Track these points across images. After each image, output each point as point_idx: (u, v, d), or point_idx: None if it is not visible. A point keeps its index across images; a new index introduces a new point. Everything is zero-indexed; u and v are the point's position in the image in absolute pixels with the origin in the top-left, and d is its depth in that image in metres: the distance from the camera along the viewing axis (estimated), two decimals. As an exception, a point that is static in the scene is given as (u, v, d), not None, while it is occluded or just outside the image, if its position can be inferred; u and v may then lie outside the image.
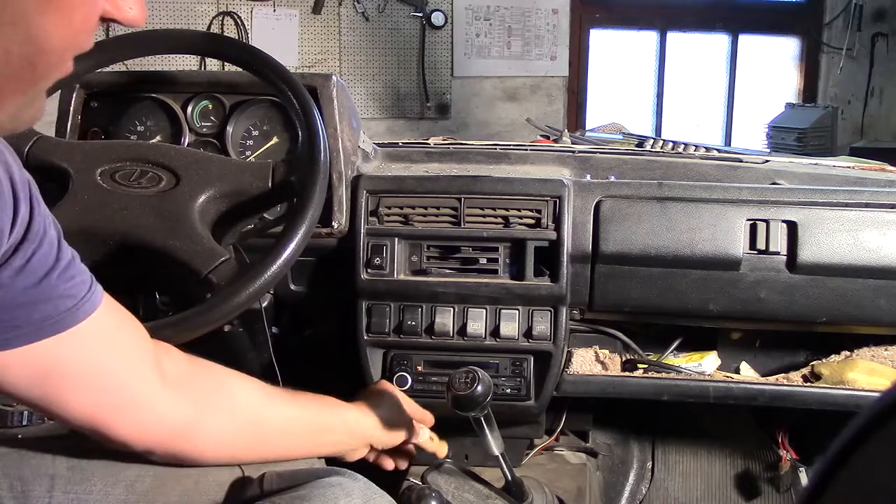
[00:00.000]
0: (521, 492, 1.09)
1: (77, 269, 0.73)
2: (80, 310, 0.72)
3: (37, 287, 0.69)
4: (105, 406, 0.77)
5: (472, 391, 0.94)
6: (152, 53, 1.19)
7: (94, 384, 0.76)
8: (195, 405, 0.84)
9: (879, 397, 0.32)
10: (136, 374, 0.79)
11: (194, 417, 0.83)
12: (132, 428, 0.79)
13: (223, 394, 0.87)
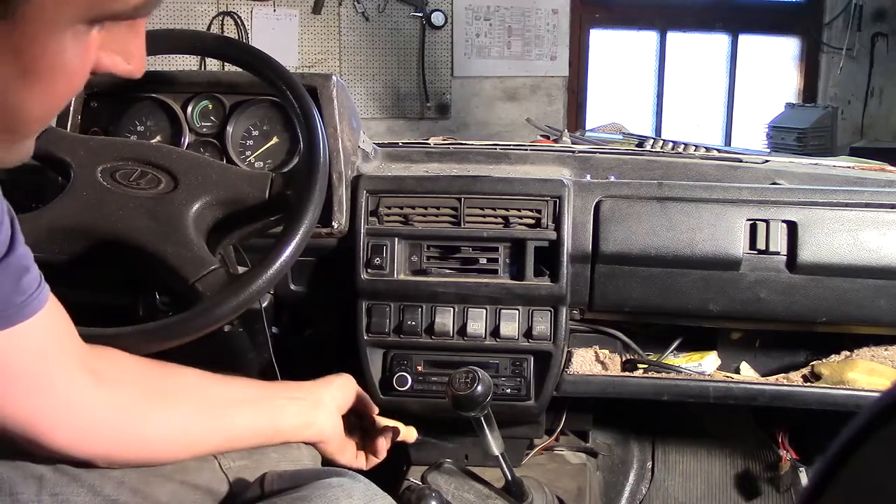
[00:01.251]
0: (521, 492, 1.08)
1: (27, 265, 0.71)
2: (27, 307, 0.70)
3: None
4: (42, 409, 0.74)
5: (472, 391, 0.94)
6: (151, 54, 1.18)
7: (31, 386, 0.73)
8: (133, 406, 0.81)
9: (879, 397, 0.32)
10: (71, 378, 0.76)
11: (135, 418, 0.81)
12: (70, 434, 0.77)
13: (163, 390, 0.85)
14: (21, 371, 0.72)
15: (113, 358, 0.83)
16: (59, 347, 0.76)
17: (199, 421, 0.86)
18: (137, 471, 0.85)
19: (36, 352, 0.73)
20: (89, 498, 0.81)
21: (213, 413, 0.88)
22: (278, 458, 0.97)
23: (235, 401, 0.90)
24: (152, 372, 0.86)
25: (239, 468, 0.92)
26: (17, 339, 0.70)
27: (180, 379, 0.88)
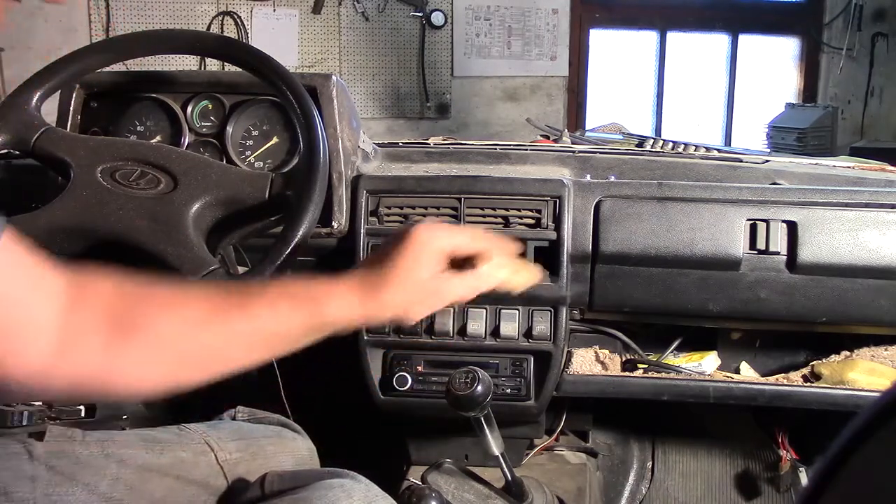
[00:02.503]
0: (521, 492, 1.09)
1: None
2: None
3: None
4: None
5: (472, 391, 0.95)
6: (151, 54, 1.19)
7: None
8: (111, 342, 0.69)
9: (879, 397, 0.32)
10: (35, 312, 0.66)
11: (112, 355, 0.69)
12: (34, 369, 0.66)
13: (149, 327, 0.71)
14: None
15: (94, 293, 0.70)
16: (21, 282, 0.66)
17: (197, 330, 0.75)
18: (133, 467, 0.85)
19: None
20: (84, 496, 0.81)
21: (208, 358, 0.77)
22: (275, 451, 0.97)
23: (236, 346, 0.78)
24: (134, 308, 0.72)
25: (235, 461, 0.92)
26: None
27: (165, 321, 0.73)
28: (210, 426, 0.97)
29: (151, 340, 0.71)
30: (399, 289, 0.82)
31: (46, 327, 0.66)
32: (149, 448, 0.88)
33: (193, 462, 0.89)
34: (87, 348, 0.68)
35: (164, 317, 0.73)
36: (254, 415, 1.05)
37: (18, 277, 0.66)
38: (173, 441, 0.90)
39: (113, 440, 0.87)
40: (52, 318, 0.67)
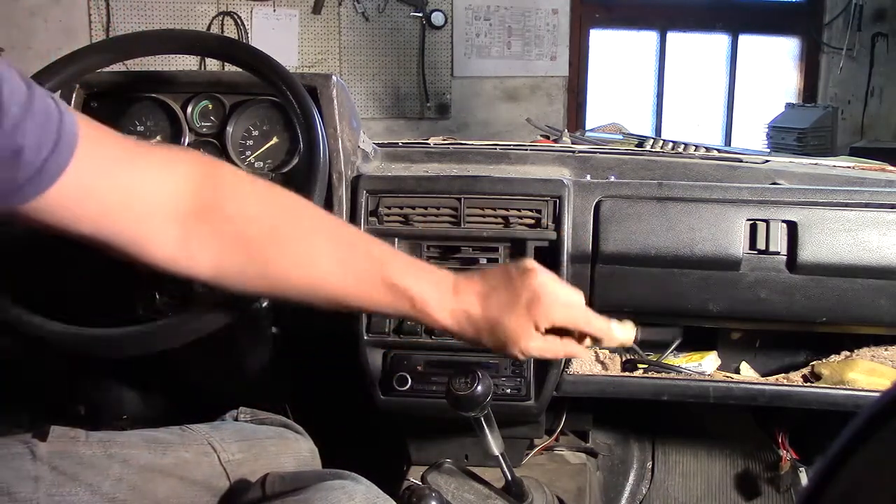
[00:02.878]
0: (521, 492, 1.09)
1: (35, 122, 0.64)
2: (44, 172, 0.65)
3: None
4: (123, 246, 0.73)
5: (472, 391, 0.94)
6: (152, 54, 1.19)
7: (91, 236, 0.71)
8: (231, 256, 0.77)
9: (879, 397, 0.32)
10: (141, 224, 0.73)
11: (232, 266, 0.78)
12: (165, 263, 0.76)
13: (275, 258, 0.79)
14: (84, 225, 0.71)
15: (227, 194, 0.78)
16: (120, 192, 0.72)
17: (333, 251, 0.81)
18: (136, 467, 0.85)
19: (85, 204, 0.69)
20: (87, 496, 0.81)
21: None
22: (277, 452, 0.97)
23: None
24: (265, 228, 0.79)
25: (238, 461, 0.92)
26: (50, 205, 0.67)
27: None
28: (213, 427, 0.97)
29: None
30: (494, 310, 0.83)
31: (174, 215, 0.74)
32: (152, 448, 0.88)
33: (196, 462, 0.89)
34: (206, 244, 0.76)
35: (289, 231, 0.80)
36: (256, 415, 1.05)
37: (139, 167, 0.72)
38: (176, 441, 0.90)
39: (116, 440, 0.87)
40: (177, 206, 0.74)
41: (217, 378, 1.39)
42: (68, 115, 0.68)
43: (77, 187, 0.68)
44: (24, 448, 0.81)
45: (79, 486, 0.81)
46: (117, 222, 0.72)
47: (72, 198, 0.68)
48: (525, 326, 0.83)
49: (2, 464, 0.79)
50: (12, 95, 0.63)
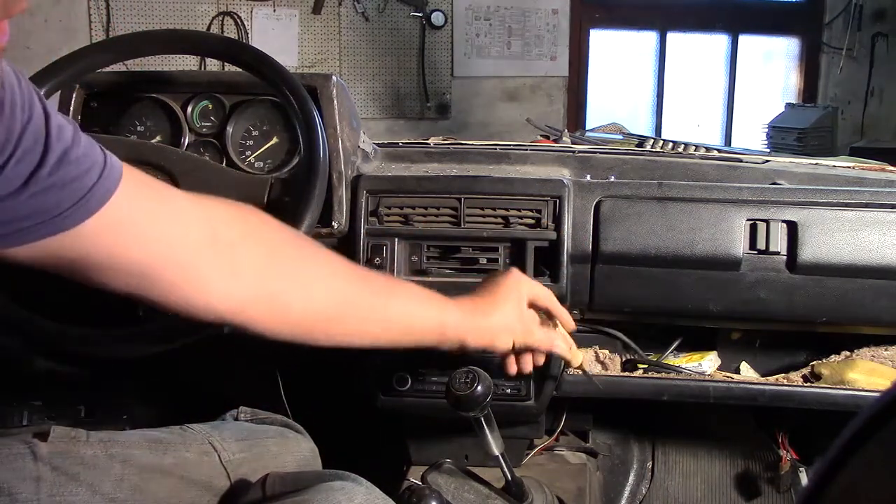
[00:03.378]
0: (521, 492, 1.08)
1: (77, 158, 0.67)
2: (85, 205, 0.67)
3: (20, 192, 0.64)
4: (153, 286, 0.74)
5: (472, 391, 0.94)
6: (152, 54, 1.19)
7: (128, 269, 0.72)
8: (259, 288, 0.79)
9: (879, 397, 0.32)
10: (180, 259, 0.74)
11: (262, 299, 0.80)
12: (190, 306, 0.76)
13: (298, 281, 0.83)
14: (114, 261, 0.72)
15: (243, 236, 0.80)
16: (157, 228, 0.73)
17: (327, 326, 0.86)
18: (137, 467, 0.85)
19: (120, 240, 0.71)
20: (88, 497, 0.81)
21: (342, 324, 0.87)
22: (278, 452, 0.97)
23: (370, 320, 0.89)
24: (285, 261, 0.83)
25: (239, 461, 0.92)
26: (90, 234, 0.69)
27: (315, 279, 0.85)
28: (213, 426, 0.97)
29: (307, 296, 0.83)
30: (497, 315, 0.97)
31: (211, 262, 0.76)
32: (153, 448, 0.88)
33: (197, 462, 0.89)
34: (240, 300, 0.79)
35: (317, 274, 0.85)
36: (256, 415, 1.05)
37: (159, 235, 0.73)
38: (177, 441, 0.90)
39: (116, 440, 0.87)
40: (198, 244, 0.76)
41: (217, 378, 1.39)
42: (111, 155, 0.71)
43: (110, 227, 0.70)
44: (25, 448, 0.81)
45: (80, 487, 0.81)
46: (141, 263, 0.73)
47: (104, 236, 0.70)
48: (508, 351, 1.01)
49: (3, 464, 0.79)
50: (61, 130, 0.67)
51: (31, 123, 0.65)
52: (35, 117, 0.65)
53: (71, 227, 0.68)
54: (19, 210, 0.65)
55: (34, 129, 0.65)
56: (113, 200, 0.69)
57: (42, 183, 0.65)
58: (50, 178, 0.65)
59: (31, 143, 0.65)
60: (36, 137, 0.65)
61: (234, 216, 0.81)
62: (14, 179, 0.64)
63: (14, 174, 0.64)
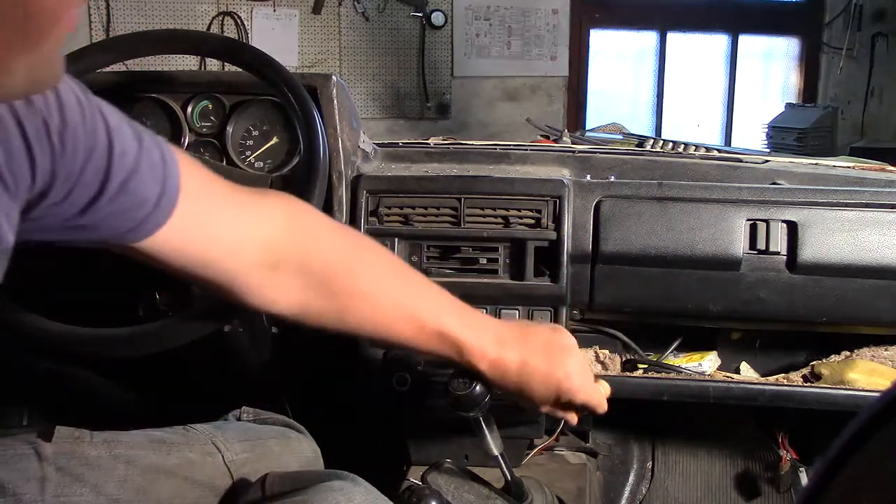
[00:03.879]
0: (521, 492, 1.08)
1: (134, 187, 0.70)
2: (136, 231, 0.72)
3: (83, 214, 0.68)
4: (217, 288, 0.81)
5: (471, 391, 0.94)
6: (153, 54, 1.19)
7: (195, 274, 0.79)
8: (318, 294, 0.84)
9: (879, 397, 0.32)
10: (235, 269, 0.80)
11: (322, 302, 0.85)
12: (255, 307, 0.83)
13: (355, 283, 0.86)
14: (178, 269, 0.78)
15: (295, 244, 0.84)
16: (215, 242, 0.79)
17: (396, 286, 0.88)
18: (141, 468, 0.85)
19: (180, 251, 0.76)
20: (92, 497, 0.81)
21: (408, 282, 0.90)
22: (280, 452, 0.97)
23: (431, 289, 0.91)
24: (336, 271, 0.86)
25: (242, 461, 0.92)
26: (152, 247, 0.74)
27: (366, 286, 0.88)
28: (216, 426, 0.97)
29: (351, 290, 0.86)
30: (527, 377, 0.91)
31: (262, 261, 0.81)
32: (156, 448, 0.88)
33: (201, 463, 0.89)
34: (295, 304, 0.84)
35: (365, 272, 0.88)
36: (258, 415, 1.05)
37: (216, 249, 0.79)
38: (180, 441, 0.90)
39: (120, 440, 0.87)
40: (266, 253, 0.81)
41: (217, 378, 1.39)
42: (172, 166, 0.73)
43: (174, 235, 0.74)
44: (29, 449, 0.81)
45: (84, 487, 0.81)
46: (210, 265, 0.79)
47: (170, 243, 0.75)
48: (549, 399, 0.94)
49: (8, 465, 0.79)
50: (123, 157, 0.69)
51: (93, 159, 0.67)
52: (97, 151, 0.67)
53: (126, 243, 0.73)
54: (81, 226, 0.69)
55: (95, 165, 0.67)
56: (167, 226, 0.73)
57: (98, 212, 0.68)
58: (107, 206, 0.68)
59: (91, 178, 0.67)
60: (96, 172, 0.67)
61: (294, 223, 0.85)
62: (70, 209, 0.67)
63: (69, 204, 0.67)
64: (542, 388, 0.92)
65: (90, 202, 0.68)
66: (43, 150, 0.64)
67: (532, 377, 0.91)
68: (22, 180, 0.63)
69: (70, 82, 0.67)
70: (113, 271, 1.07)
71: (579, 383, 0.94)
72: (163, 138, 0.75)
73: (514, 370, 0.91)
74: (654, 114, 5.12)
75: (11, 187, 0.62)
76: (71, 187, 0.66)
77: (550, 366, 0.91)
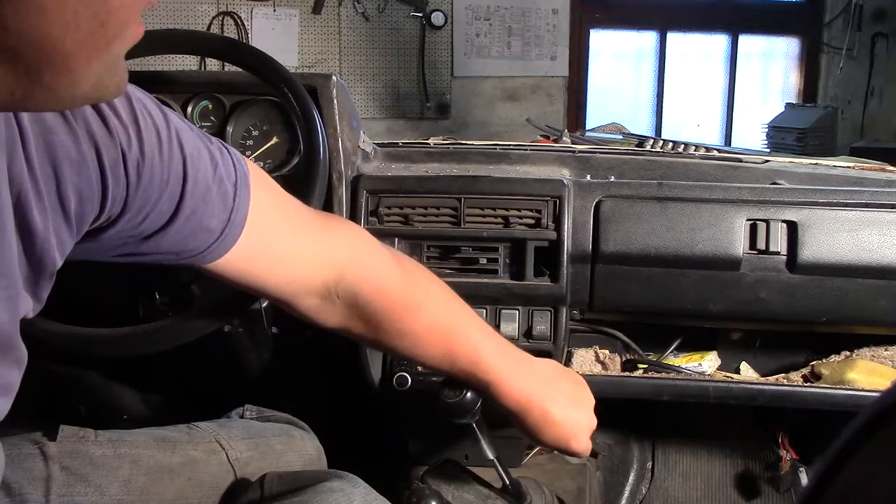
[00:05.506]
0: (520, 493, 1.08)
1: (202, 218, 0.72)
2: (206, 253, 0.74)
3: (146, 241, 0.70)
4: (276, 297, 0.85)
5: (462, 398, 0.93)
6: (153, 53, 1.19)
7: (253, 290, 0.83)
8: (360, 327, 0.90)
9: (879, 397, 0.32)
10: (291, 292, 0.84)
11: (357, 332, 0.90)
12: (307, 320, 0.88)
13: (402, 312, 0.90)
14: (246, 285, 0.82)
15: (355, 274, 0.88)
16: (275, 267, 0.82)
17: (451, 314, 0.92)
18: (145, 468, 0.85)
19: (245, 274, 0.80)
20: (96, 497, 0.81)
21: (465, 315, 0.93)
22: (283, 450, 0.97)
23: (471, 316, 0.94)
24: (392, 304, 0.90)
25: (246, 460, 0.92)
26: (219, 269, 0.77)
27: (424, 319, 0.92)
28: (219, 424, 0.97)
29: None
30: (554, 407, 0.93)
31: (316, 286, 0.85)
32: (160, 447, 0.88)
33: (205, 461, 0.89)
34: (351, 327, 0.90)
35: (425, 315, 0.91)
36: (262, 413, 1.05)
37: (277, 275, 0.83)
38: (184, 440, 0.90)
39: (125, 440, 0.87)
40: (320, 279, 0.85)
41: (217, 378, 1.39)
42: (243, 195, 0.76)
43: (235, 261, 0.77)
44: (34, 448, 0.81)
45: (88, 487, 0.81)
46: (268, 287, 0.83)
47: (230, 266, 0.78)
48: (550, 446, 0.96)
49: (13, 464, 0.79)
50: (195, 187, 0.70)
51: (166, 192, 0.68)
52: (171, 184, 0.68)
53: (185, 265, 0.75)
54: (144, 250, 0.71)
55: (167, 197, 0.68)
56: (229, 253, 0.75)
57: (161, 240, 0.70)
58: (172, 236, 0.71)
59: (162, 209, 0.68)
60: (169, 204, 0.69)
61: (349, 252, 0.88)
62: (133, 237, 0.69)
63: (134, 234, 0.69)
64: (550, 439, 0.95)
65: (155, 232, 0.69)
66: (118, 182, 0.64)
67: (546, 427, 0.94)
68: (89, 210, 0.63)
69: (151, 107, 0.67)
70: (113, 271, 1.06)
71: (584, 444, 0.97)
72: (240, 156, 0.79)
73: (535, 417, 0.93)
74: (654, 114, 5.12)
75: (71, 212, 0.62)
76: (143, 218, 0.67)
77: (564, 426, 0.94)
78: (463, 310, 0.94)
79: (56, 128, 0.59)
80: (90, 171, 0.61)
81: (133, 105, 0.65)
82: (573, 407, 0.95)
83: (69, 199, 0.61)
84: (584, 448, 0.96)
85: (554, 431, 0.93)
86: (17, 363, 0.62)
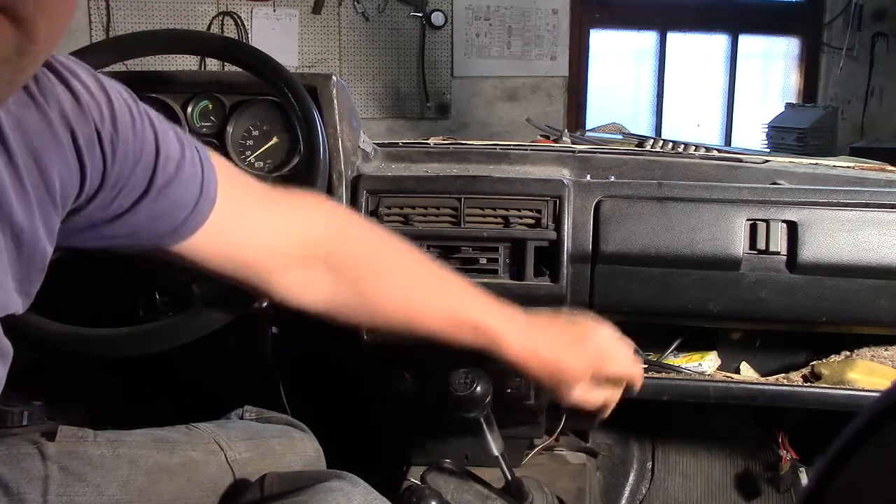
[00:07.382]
0: (521, 492, 1.08)
1: (180, 185, 0.72)
2: (181, 228, 0.74)
3: (121, 219, 0.70)
4: (249, 285, 0.83)
5: (472, 392, 0.94)
6: (153, 53, 1.19)
7: (228, 274, 0.81)
8: (348, 292, 0.87)
9: (879, 398, 0.32)
10: (269, 269, 0.82)
11: (349, 300, 0.87)
12: (284, 301, 0.86)
13: (382, 283, 0.88)
14: (216, 267, 0.80)
15: (335, 241, 0.87)
16: (250, 240, 0.81)
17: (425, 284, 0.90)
18: (144, 468, 0.85)
19: (215, 252, 0.78)
20: (95, 497, 0.81)
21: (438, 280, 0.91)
22: (283, 451, 0.97)
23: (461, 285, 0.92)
24: (367, 266, 0.89)
25: (245, 461, 0.92)
26: (191, 247, 0.76)
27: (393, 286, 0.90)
28: (219, 425, 0.97)
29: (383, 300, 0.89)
30: (561, 354, 0.92)
31: (295, 259, 0.83)
32: (159, 448, 0.88)
33: (204, 462, 0.89)
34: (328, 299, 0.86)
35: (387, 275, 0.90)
36: (261, 414, 1.05)
37: (252, 247, 0.81)
38: (183, 441, 0.90)
39: (123, 440, 0.87)
40: (299, 251, 0.83)
41: (217, 378, 1.39)
42: (210, 170, 0.76)
43: (210, 237, 0.77)
44: (32, 448, 0.81)
45: (87, 487, 0.81)
46: (244, 265, 0.81)
47: (206, 245, 0.77)
48: (583, 375, 0.94)
49: (11, 464, 0.79)
50: (167, 162, 0.71)
51: (139, 166, 0.69)
52: (144, 159, 0.70)
53: (163, 247, 0.75)
54: (118, 229, 0.71)
55: (141, 171, 0.70)
56: (203, 229, 0.75)
57: (137, 216, 0.71)
58: (147, 211, 0.71)
59: (136, 184, 0.69)
60: (142, 179, 0.70)
61: (325, 222, 0.87)
62: (109, 214, 0.69)
63: (110, 210, 0.69)
64: (576, 362, 0.92)
65: (130, 207, 0.69)
66: (94, 160, 0.65)
67: (565, 352, 0.92)
68: (70, 189, 0.64)
69: (119, 88, 0.69)
70: (113, 271, 1.07)
71: (614, 349, 0.95)
72: (200, 142, 0.77)
73: (546, 354, 0.91)
74: (654, 114, 5.12)
75: (57, 196, 0.63)
76: (116, 194, 0.68)
77: (581, 338, 0.93)
78: (443, 269, 0.94)
79: (27, 115, 0.60)
80: (66, 152, 0.63)
81: (102, 82, 0.67)
82: (582, 334, 0.94)
83: (54, 184, 0.62)
84: (573, 398, 0.94)
85: (573, 364, 0.92)
86: (2, 358, 0.63)
